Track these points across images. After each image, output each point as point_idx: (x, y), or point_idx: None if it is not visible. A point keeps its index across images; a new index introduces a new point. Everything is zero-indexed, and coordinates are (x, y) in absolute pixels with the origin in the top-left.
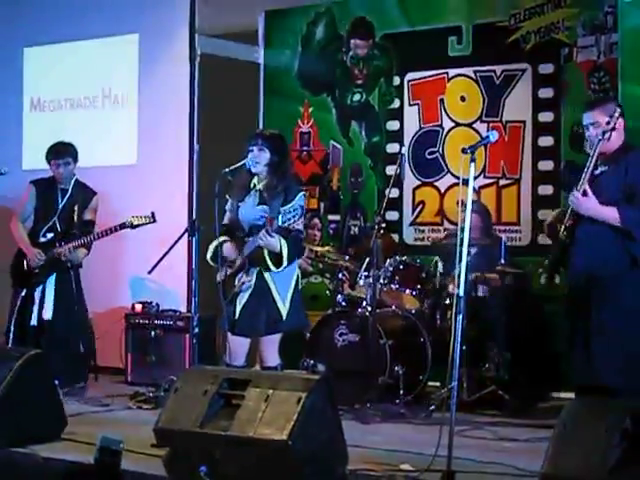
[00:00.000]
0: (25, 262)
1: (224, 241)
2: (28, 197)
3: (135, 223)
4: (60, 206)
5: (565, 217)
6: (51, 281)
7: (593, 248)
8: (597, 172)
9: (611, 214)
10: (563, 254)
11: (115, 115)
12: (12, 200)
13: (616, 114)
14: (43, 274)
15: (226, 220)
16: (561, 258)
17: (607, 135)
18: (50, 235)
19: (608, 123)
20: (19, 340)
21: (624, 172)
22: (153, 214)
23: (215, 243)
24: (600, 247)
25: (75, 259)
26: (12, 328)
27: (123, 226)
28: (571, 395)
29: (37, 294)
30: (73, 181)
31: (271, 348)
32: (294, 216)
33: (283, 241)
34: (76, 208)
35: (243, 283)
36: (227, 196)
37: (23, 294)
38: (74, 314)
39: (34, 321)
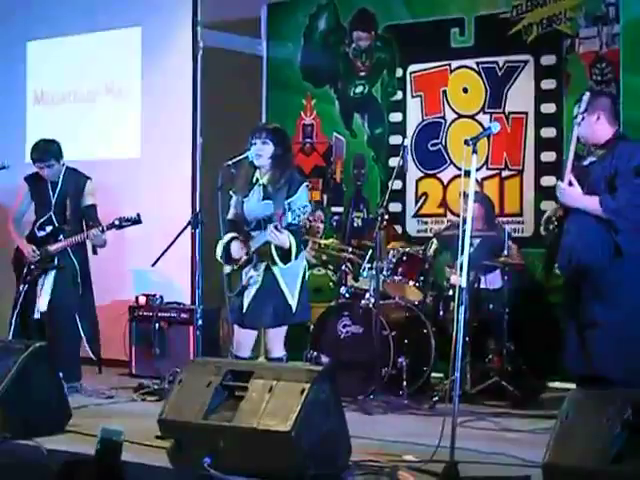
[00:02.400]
0: (23, 258)
1: (232, 239)
2: (22, 195)
3: (122, 224)
4: (53, 200)
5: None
6: (50, 274)
7: (581, 238)
8: (586, 163)
9: (593, 204)
10: (555, 246)
11: (118, 108)
12: (15, 194)
13: (582, 102)
14: (40, 269)
15: (231, 215)
16: (554, 250)
17: (577, 120)
18: (49, 228)
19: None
20: (20, 334)
21: (609, 163)
22: (139, 215)
23: (224, 240)
24: (587, 237)
25: (99, 242)
26: (13, 322)
27: (110, 226)
28: (573, 386)
29: (39, 287)
30: (62, 173)
31: (277, 340)
32: (304, 213)
33: (292, 237)
34: (68, 202)
35: (251, 277)
36: (231, 192)
37: (25, 288)
38: (73, 305)
39: (37, 314)
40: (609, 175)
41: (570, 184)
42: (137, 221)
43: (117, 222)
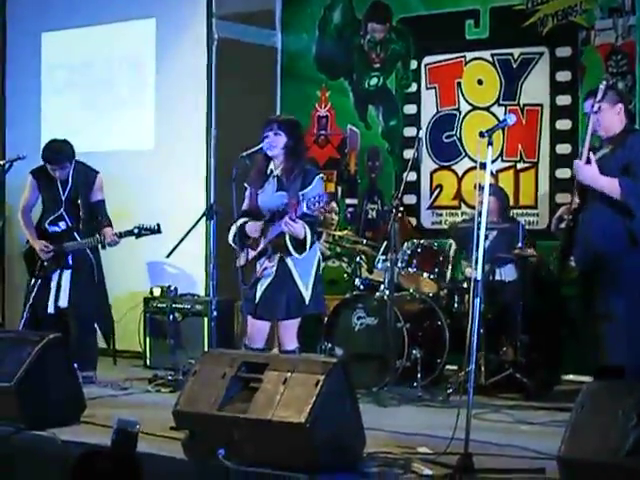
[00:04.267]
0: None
1: (246, 222)
2: (29, 188)
3: (141, 233)
4: (63, 198)
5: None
6: (66, 271)
7: (596, 229)
8: (598, 156)
9: (611, 185)
10: (571, 239)
11: (132, 100)
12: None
13: (600, 90)
14: (55, 264)
15: (245, 207)
16: (570, 244)
17: (595, 109)
18: (62, 224)
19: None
20: (33, 328)
21: (621, 154)
22: (158, 225)
23: (238, 223)
24: (602, 227)
25: (114, 243)
26: (25, 314)
27: (128, 233)
28: (589, 378)
29: (53, 282)
30: (71, 170)
31: (290, 332)
32: (319, 202)
33: (307, 227)
34: (80, 199)
35: (265, 268)
36: (245, 184)
37: (38, 283)
38: (92, 300)
39: (51, 309)
40: (622, 166)
41: (588, 162)
42: (156, 231)
43: (136, 230)
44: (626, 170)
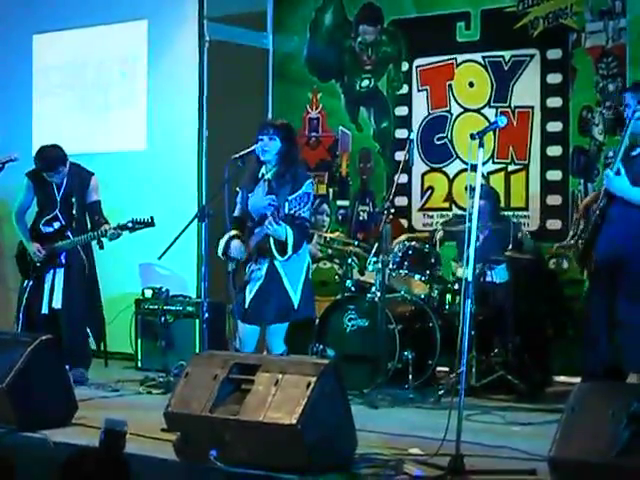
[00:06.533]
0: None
1: (233, 237)
2: (25, 191)
3: (135, 227)
4: (58, 198)
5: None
6: (59, 271)
7: (622, 229)
8: (634, 153)
9: None
10: (595, 235)
11: (124, 101)
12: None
13: None
14: (48, 264)
15: (237, 212)
16: (594, 238)
17: (638, 115)
18: (57, 224)
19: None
20: (28, 329)
21: None
22: (152, 218)
23: (225, 239)
24: (629, 229)
25: (115, 236)
26: (20, 317)
27: (123, 227)
28: (578, 380)
29: (47, 283)
30: (66, 172)
31: (277, 336)
32: (299, 203)
33: (289, 229)
34: (74, 200)
35: (252, 272)
36: (237, 188)
37: (30, 284)
38: (83, 300)
39: (45, 310)
40: None
41: (617, 173)
42: (150, 224)
43: (130, 224)
44: None
